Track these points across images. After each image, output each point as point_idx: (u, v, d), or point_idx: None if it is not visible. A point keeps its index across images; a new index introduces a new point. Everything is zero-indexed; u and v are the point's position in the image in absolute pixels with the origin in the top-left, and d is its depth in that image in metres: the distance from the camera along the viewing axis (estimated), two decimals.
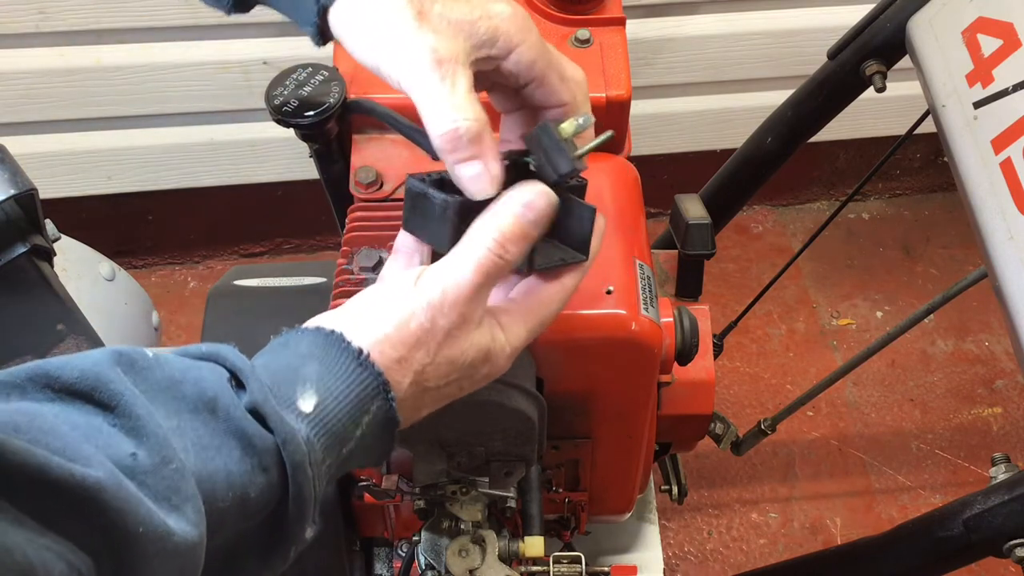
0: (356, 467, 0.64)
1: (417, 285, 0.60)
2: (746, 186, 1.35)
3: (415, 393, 0.60)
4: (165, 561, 0.49)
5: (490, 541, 0.82)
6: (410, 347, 0.59)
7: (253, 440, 0.54)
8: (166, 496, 0.49)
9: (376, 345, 0.58)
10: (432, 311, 0.59)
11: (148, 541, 0.48)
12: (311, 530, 0.58)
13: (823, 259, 2.22)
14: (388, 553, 1.04)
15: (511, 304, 0.65)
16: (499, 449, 0.81)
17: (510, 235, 0.60)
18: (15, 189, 0.82)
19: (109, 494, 0.46)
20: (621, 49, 0.88)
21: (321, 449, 0.56)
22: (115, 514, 0.46)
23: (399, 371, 0.59)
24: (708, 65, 1.95)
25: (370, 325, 0.59)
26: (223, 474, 0.52)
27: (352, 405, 0.57)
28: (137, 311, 1.22)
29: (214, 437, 0.53)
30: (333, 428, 0.57)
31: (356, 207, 0.86)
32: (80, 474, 0.45)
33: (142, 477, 0.49)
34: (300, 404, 0.56)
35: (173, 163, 1.94)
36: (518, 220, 0.61)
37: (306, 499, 0.56)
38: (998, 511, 0.90)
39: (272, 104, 0.84)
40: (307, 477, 0.55)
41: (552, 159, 0.62)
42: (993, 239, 0.87)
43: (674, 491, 1.26)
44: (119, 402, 0.50)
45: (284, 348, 0.59)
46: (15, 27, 1.69)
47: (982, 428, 2.02)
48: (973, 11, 0.95)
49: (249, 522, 0.55)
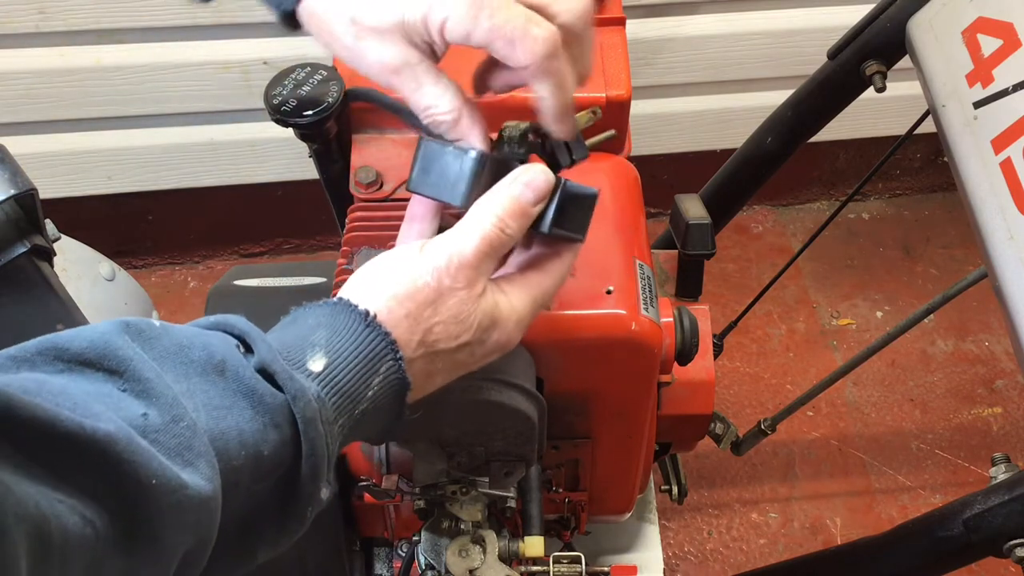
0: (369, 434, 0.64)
1: (423, 252, 0.62)
2: (746, 186, 1.35)
3: (425, 355, 0.62)
4: (180, 514, 0.49)
5: (490, 541, 0.82)
6: (417, 303, 0.61)
7: (264, 398, 0.54)
8: (178, 452, 0.49)
9: (383, 305, 0.60)
10: (438, 272, 0.61)
11: (161, 493, 0.48)
12: (326, 490, 0.58)
13: (823, 259, 2.22)
14: (388, 553, 1.04)
15: (512, 275, 0.67)
16: (499, 449, 0.81)
17: (511, 211, 0.63)
18: (15, 189, 0.82)
19: (120, 446, 0.46)
20: (621, 49, 0.88)
21: (332, 408, 0.57)
22: (127, 466, 0.47)
23: (407, 328, 0.60)
24: (708, 65, 1.94)
25: (377, 289, 0.61)
26: (235, 433, 0.53)
27: (361, 365, 0.58)
28: (137, 311, 1.22)
29: (224, 397, 0.54)
30: (344, 387, 0.58)
31: (356, 207, 0.86)
32: (91, 427, 0.46)
33: (154, 435, 0.49)
34: (310, 365, 0.57)
35: (173, 163, 1.94)
36: (518, 198, 0.63)
37: (319, 456, 0.56)
38: (998, 511, 0.90)
39: (271, 104, 0.84)
40: (319, 433, 0.56)
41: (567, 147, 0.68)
42: (993, 239, 0.87)
43: (674, 491, 1.26)
44: (128, 367, 0.50)
45: (292, 324, 0.61)
46: (15, 27, 1.69)
47: (982, 428, 2.01)
48: (973, 11, 0.95)
49: (263, 482, 0.56)
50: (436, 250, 0.62)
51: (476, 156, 0.64)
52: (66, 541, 0.44)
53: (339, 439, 0.59)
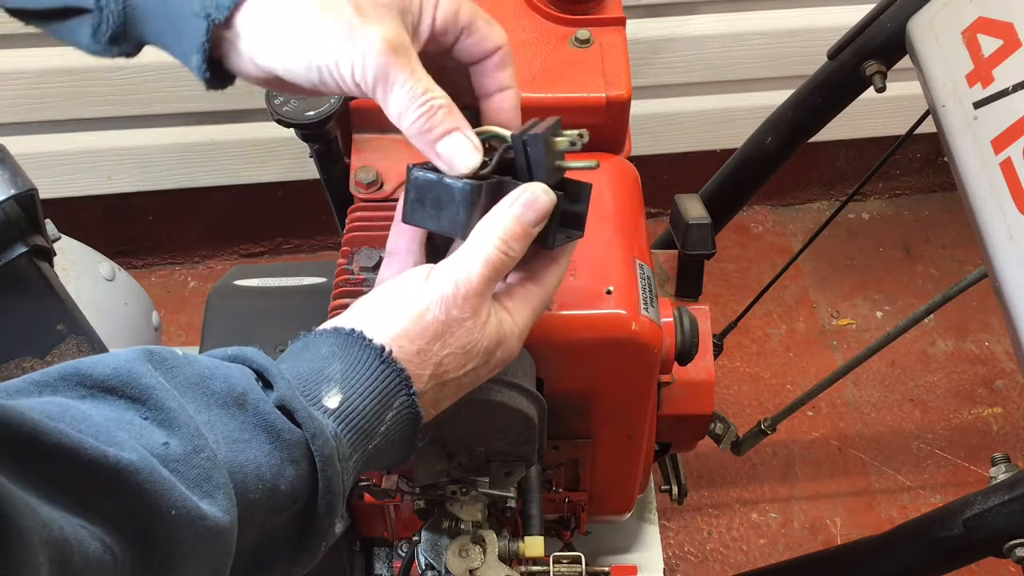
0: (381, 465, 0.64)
1: (428, 281, 0.62)
2: (746, 186, 1.35)
3: (435, 386, 0.62)
4: (197, 544, 0.49)
5: (490, 541, 0.82)
6: (428, 339, 0.60)
7: (282, 434, 0.55)
8: (198, 483, 0.50)
9: (395, 340, 0.60)
10: (446, 304, 0.61)
11: (181, 524, 0.48)
12: (340, 525, 0.59)
13: (823, 259, 2.22)
14: (388, 553, 1.04)
15: (511, 288, 0.66)
16: (499, 449, 0.81)
17: (513, 233, 0.62)
18: (15, 189, 0.82)
19: (143, 476, 0.47)
20: (621, 49, 0.88)
21: (348, 444, 0.58)
22: (148, 496, 0.47)
23: (419, 364, 0.60)
24: (708, 65, 1.94)
25: (386, 322, 0.60)
26: (253, 466, 0.53)
27: (376, 401, 0.58)
28: (137, 311, 1.22)
29: (244, 431, 0.54)
30: (359, 424, 0.58)
31: (356, 207, 0.86)
32: (114, 456, 0.46)
33: (174, 465, 0.49)
34: (326, 401, 0.57)
35: (173, 163, 1.94)
36: (520, 219, 0.63)
37: (335, 493, 0.56)
38: (998, 511, 0.90)
39: (273, 104, 0.84)
40: (336, 471, 0.56)
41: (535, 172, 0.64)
42: (993, 239, 0.87)
43: (674, 491, 1.26)
44: (150, 395, 0.51)
45: (305, 351, 0.60)
46: (15, 27, 1.68)
47: (982, 428, 2.01)
48: (973, 11, 0.95)
49: (279, 517, 0.56)
50: (442, 279, 0.61)
51: (473, 184, 0.62)
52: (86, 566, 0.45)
53: (353, 474, 0.59)
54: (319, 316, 0.67)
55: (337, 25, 0.58)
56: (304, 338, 0.61)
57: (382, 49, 0.58)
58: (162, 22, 0.61)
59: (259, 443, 0.54)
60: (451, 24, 0.63)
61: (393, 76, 0.59)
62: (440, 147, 0.62)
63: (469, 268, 0.61)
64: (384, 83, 0.59)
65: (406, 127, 0.61)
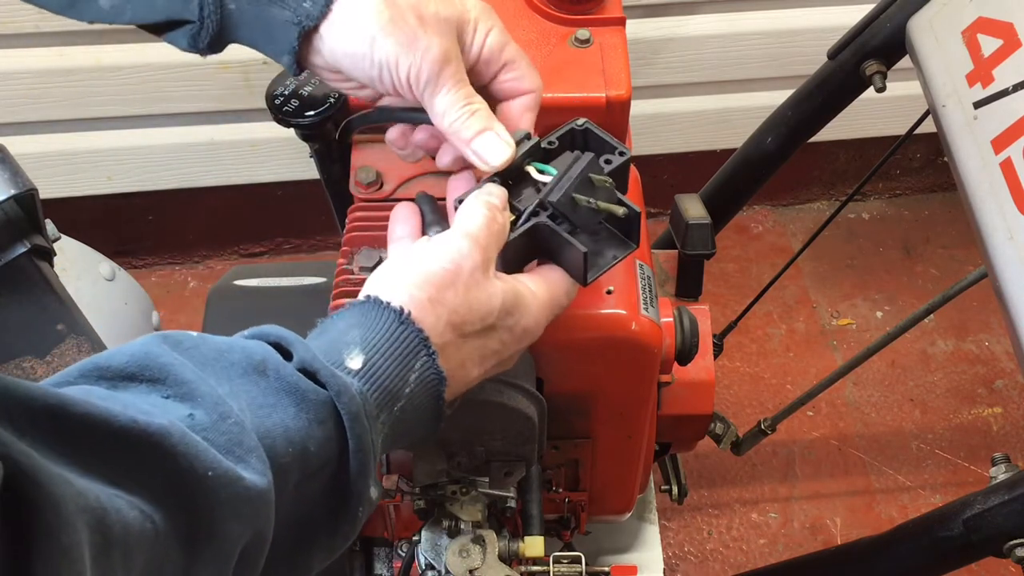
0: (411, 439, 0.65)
1: (432, 241, 0.65)
2: (746, 186, 1.35)
3: (454, 341, 0.63)
4: (237, 506, 0.49)
5: (490, 541, 0.82)
6: (438, 287, 0.62)
7: (307, 395, 0.55)
8: (229, 449, 0.50)
9: (406, 291, 0.62)
10: (453, 254, 0.64)
11: (218, 485, 0.48)
12: (375, 490, 0.59)
13: (823, 259, 2.22)
14: (388, 553, 1.04)
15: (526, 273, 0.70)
16: (499, 449, 0.81)
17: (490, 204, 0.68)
18: (15, 189, 0.82)
19: (175, 438, 0.46)
20: (621, 49, 0.88)
21: (374, 403, 0.58)
22: (183, 459, 0.47)
23: (431, 311, 0.62)
24: (708, 65, 1.94)
25: (398, 282, 0.63)
26: (281, 430, 0.53)
27: (398, 360, 0.60)
28: (137, 311, 1.22)
29: (267, 396, 0.54)
30: (383, 383, 0.59)
31: (356, 207, 0.86)
32: (144, 421, 0.46)
33: (203, 433, 0.49)
34: (349, 363, 0.59)
35: (173, 163, 1.94)
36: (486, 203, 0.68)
37: (366, 452, 0.57)
38: (998, 511, 0.90)
39: (273, 104, 0.84)
40: (365, 428, 0.56)
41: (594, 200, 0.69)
42: (993, 239, 0.87)
43: (674, 491, 1.26)
44: (168, 373, 0.51)
45: (323, 333, 0.62)
46: (15, 27, 1.68)
47: (982, 428, 2.01)
48: (973, 11, 0.95)
49: (312, 482, 0.56)
50: (446, 237, 0.65)
51: None
52: (127, 535, 0.44)
53: (382, 436, 0.59)
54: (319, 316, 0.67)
55: (403, 33, 0.66)
56: (321, 324, 0.63)
57: (437, 58, 0.66)
58: (256, 29, 0.68)
59: (284, 406, 0.54)
60: (496, 54, 0.70)
61: (442, 81, 0.67)
62: (477, 144, 0.68)
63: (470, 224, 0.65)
64: (434, 86, 0.67)
65: (446, 125, 0.68)
